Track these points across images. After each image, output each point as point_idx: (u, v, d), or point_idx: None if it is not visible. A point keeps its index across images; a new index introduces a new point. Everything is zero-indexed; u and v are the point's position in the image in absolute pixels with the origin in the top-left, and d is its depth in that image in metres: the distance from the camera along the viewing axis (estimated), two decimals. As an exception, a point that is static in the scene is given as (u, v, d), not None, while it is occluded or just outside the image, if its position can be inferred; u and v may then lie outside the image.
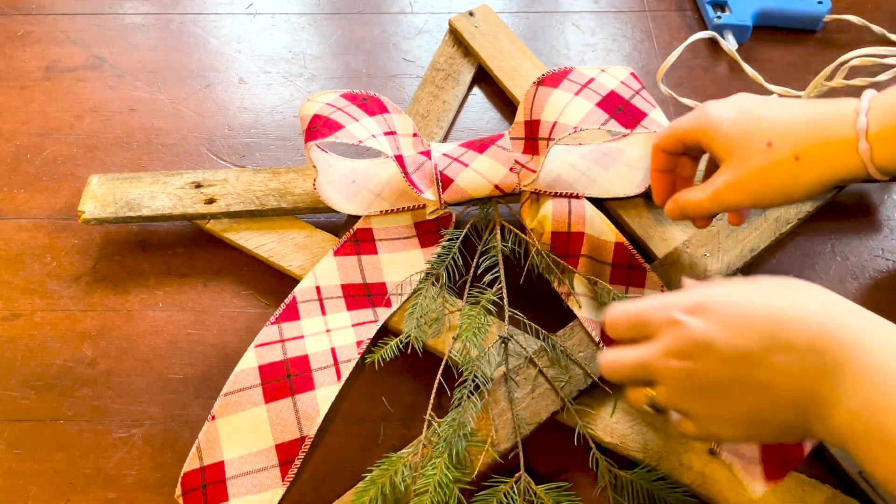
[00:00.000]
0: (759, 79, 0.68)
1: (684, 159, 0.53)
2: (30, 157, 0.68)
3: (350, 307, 0.56)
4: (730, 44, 0.73)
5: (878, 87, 0.69)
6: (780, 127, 0.44)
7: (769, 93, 0.69)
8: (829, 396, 0.35)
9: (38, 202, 0.65)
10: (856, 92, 0.70)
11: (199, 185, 0.61)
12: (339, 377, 0.52)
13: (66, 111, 0.71)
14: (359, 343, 0.54)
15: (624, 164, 0.61)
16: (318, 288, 0.56)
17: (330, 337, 0.54)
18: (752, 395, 0.37)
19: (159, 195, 0.60)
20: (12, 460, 0.52)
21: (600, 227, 0.56)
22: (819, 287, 0.39)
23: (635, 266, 0.55)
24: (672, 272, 0.56)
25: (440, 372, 0.52)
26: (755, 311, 0.37)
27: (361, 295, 0.57)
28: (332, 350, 0.53)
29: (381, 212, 0.59)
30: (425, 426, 0.50)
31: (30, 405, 0.54)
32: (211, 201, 0.60)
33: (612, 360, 0.41)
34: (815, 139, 0.43)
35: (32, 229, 0.63)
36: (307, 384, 0.52)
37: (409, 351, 0.53)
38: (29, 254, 0.62)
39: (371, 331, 0.54)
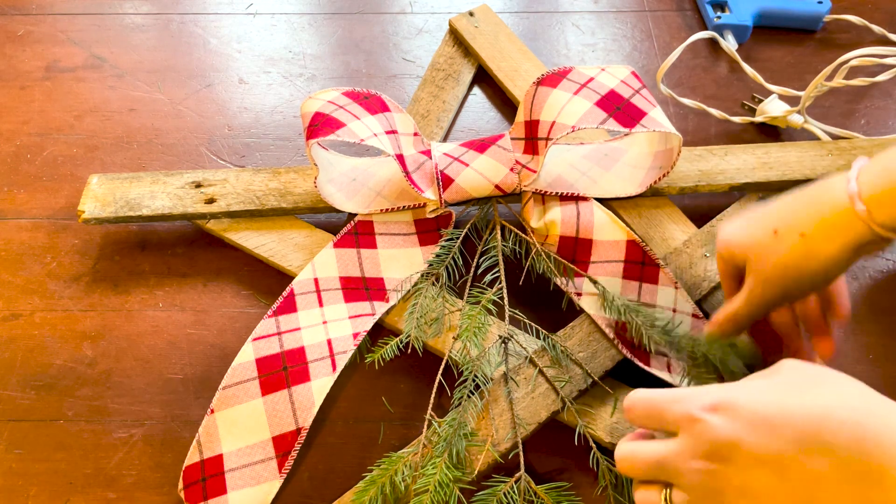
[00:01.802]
0: (759, 79, 0.68)
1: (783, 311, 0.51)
2: (30, 157, 0.68)
3: (348, 300, 0.56)
4: (730, 44, 0.73)
5: (878, 87, 0.70)
6: (782, 212, 0.45)
7: (769, 93, 0.69)
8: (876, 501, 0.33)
9: (38, 202, 0.65)
10: (856, 92, 0.70)
11: (199, 185, 0.61)
12: (334, 368, 0.52)
13: (66, 111, 0.71)
14: (355, 335, 0.54)
15: (625, 164, 0.61)
16: (316, 280, 0.56)
17: (326, 328, 0.54)
18: (785, 499, 0.34)
19: (159, 195, 0.60)
20: (12, 460, 0.52)
21: (610, 230, 0.56)
22: (853, 380, 0.36)
23: (648, 262, 0.55)
24: (672, 272, 0.56)
25: (440, 372, 0.52)
26: (787, 410, 0.34)
27: (359, 288, 0.57)
28: (329, 341, 0.53)
29: (381, 210, 0.59)
30: (425, 426, 0.50)
31: (30, 405, 0.54)
32: (211, 201, 0.60)
33: (630, 453, 0.39)
34: (815, 214, 0.44)
35: (32, 229, 0.63)
36: (303, 376, 0.52)
37: (409, 351, 0.53)
38: (29, 254, 0.62)
39: (368, 324, 0.55)
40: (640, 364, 0.52)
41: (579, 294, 0.55)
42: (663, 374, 0.52)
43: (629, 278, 0.55)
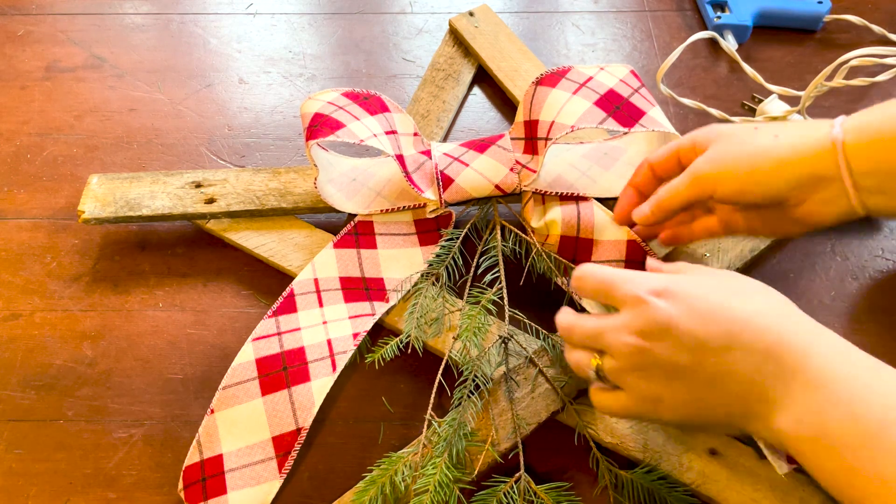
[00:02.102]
0: (759, 79, 0.68)
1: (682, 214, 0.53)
2: (30, 157, 0.68)
3: (348, 300, 0.56)
4: (730, 44, 0.73)
5: (878, 87, 0.70)
6: (769, 122, 0.48)
7: (769, 93, 0.69)
8: (777, 400, 0.38)
9: (38, 202, 0.65)
10: (856, 92, 0.70)
11: (199, 185, 0.61)
12: (334, 368, 0.52)
13: (66, 111, 0.71)
14: (355, 335, 0.54)
15: (624, 164, 0.61)
16: (316, 280, 0.56)
17: (326, 328, 0.54)
18: (697, 385, 0.39)
19: (159, 195, 0.60)
20: (12, 460, 0.52)
21: (611, 230, 0.56)
22: (779, 295, 0.41)
23: (637, 263, 0.55)
24: (672, 272, 0.56)
25: (440, 372, 0.52)
26: (721, 307, 0.39)
27: (359, 288, 0.57)
28: (329, 341, 0.53)
29: (381, 210, 0.59)
30: (425, 426, 0.50)
31: (30, 405, 0.54)
32: (211, 201, 0.60)
33: (570, 323, 0.44)
34: (795, 128, 0.46)
35: (32, 229, 0.63)
36: (303, 376, 0.52)
37: (409, 351, 0.53)
38: (29, 254, 0.62)
39: (368, 324, 0.55)
40: None
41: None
42: None
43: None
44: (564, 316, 0.45)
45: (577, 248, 0.56)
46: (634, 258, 0.55)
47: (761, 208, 0.47)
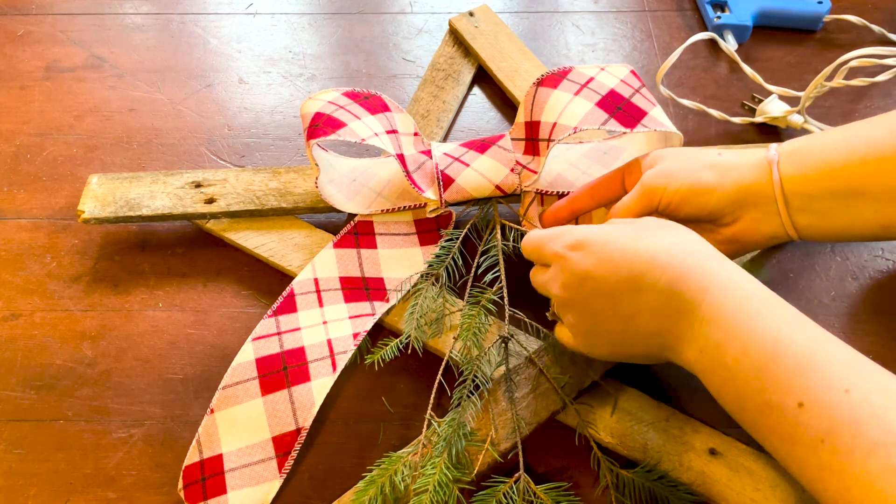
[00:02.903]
0: (759, 79, 0.68)
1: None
2: (30, 157, 0.68)
3: (348, 300, 0.56)
4: (730, 44, 0.73)
5: (878, 87, 0.70)
6: (713, 147, 0.52)
7: (769, 93, 0.69)
8: (682, 334, 0.41)
9: (38, 202, 0.65)
10: (856, 92, 0.70)
11: (199, 185, 0.61)
12: (334, 368, 0.52)
13: (66, 111, 0.71)
14: (355, 335, 0.54)
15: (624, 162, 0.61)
16: (316, 280, 0.56)
17: (326, 328, 0.54)
18: (617, 323, 0.43)
19: (159, 195, 0.60)
20: (12, 460, 0.52)
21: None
22: (688, 232, 0.44)
23: None
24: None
25: (440, 372, 0.52)
26: (626, 251, 0.42)
27: (359, 288, 0.57)
28: (329, 341, 0.53)
29: (381, 210, 0.59)
30: (425, 426, 0.50)
31: (30, 405, 0.54)
32: (211, 201, 0.60)
33: (532, 280, 0.50)
34: (737, 150, 0.50)
35: (32, 229, 0.63)
36: (303, 376, 0.52)
37: (409, 351, 0.53)
38: (29, 254, 0.62)
39: (368, 324, 0.55)
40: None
41: None
42: None
43: None
44: (528, 238, 0.49)
45: None
46: None
47: (699, 223, 0.49)
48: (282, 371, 0.52)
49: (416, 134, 0.61)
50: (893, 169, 0.44)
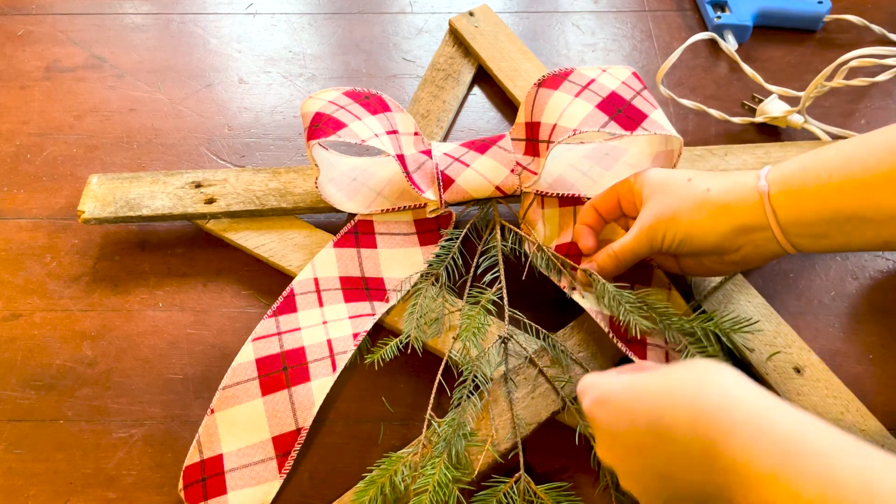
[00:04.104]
0: (759, 79, 0.68)
1: (616, 227, 0.56)
2: (30, 157, 0.68)
3: (347, 300, 0.56)
4: (730, 44, 0.73)
5: (878, 87, 0.70)
6: (703, 174, 0.50)
7: (769, 93, 0.69)
8: (726, 485, 0.35)
9: (38, 202, 0.65)
10: (856, 92, 0.70)
11: (199, 185, 0.61)
12: (334, 368, 0.52)
13: (66, 111, 0.71)
14: (355, 335, 0.54)
15: (625, 164, 0.61)
16: (316, 280, 0.56)
17: (326, 328, 0.54)
18: (658, 482, 0.38)
19: (159, 195, 0.60)
20: (12, 460, 0.52)
21: (606, 231, 0.56)
22: (710, 364, 0.38)
23: (642, 264, 0.55)
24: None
25: (440, 372, 0.52)
26: (640, 398, 0.39)
27: (359, 288, 0.57)
28: (329, 342, 0.53)
29: (381, 210, 0.59)
30: (425, 426, 0.50)
31: (30, 405, 0.54)
32: (211, 201, 0.60)
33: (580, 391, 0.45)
34: (725, 179, 0.48)
35: (32, 229, 0.63)
36: (303, 376, 0.52)
37: (409, 351, 0.53)
38: (29, 254, 0.62)
39: (368, 324, 0.55)
40: (636, 359, 0.51)
41: (573, 288, 0.54)
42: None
43: (622, 279, 0.55)
44: (582, 382, 0.45)
45: (569, 250, 0.56)
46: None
47: (703, 255, 0.50)
48: (282, 371, 0.52)
49: (416, 134, 0.61)
50: (890, 192, 0.43)
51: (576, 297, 0.54)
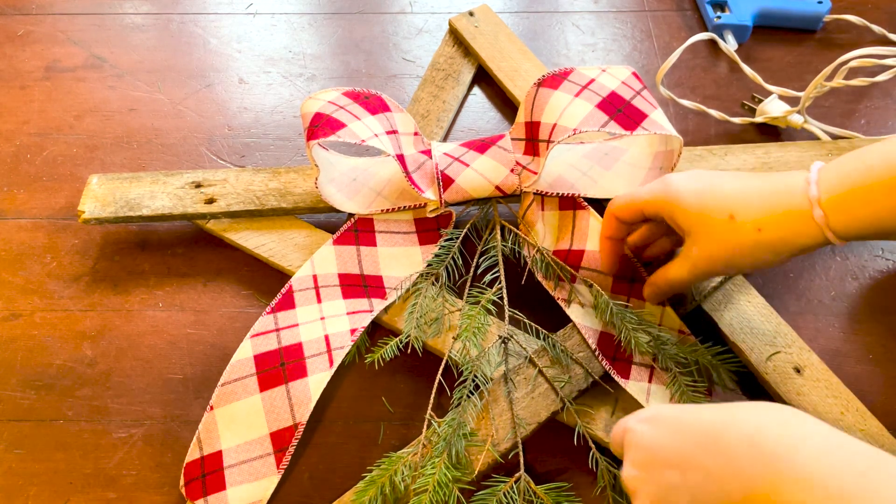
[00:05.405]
0: (759, 79, 0.68)
1: (644, 228, 0.55)
2: (30, 157, 0.68)
3: (346, 296, 0.56)
4: (730, 44, 0.73)
5: (878, 87, 0.70)
6: (740, 199, 0.46)
7: (769, 93, 0.69)
8: (764, 497, 0.35)
9: (38, 202, 0.65)
10: (856, 92, 0.70)
11: (199, 185, 0.61)
12: (331, 364, 0.52)
13: (66, 111, 0.71)
14: (352, 331, 0.54)
15: (625, 164, 0.61)
16: (314, 276, 0.56)
17: (324, 324, 0.54)
18: (686, 496, 0.37)
19: (159, 195, 0.60)
20: (12, 460, 0.52)
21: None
22: (766, 405, 0.38)
23: (638, 279, 0.55)
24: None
25: (440, 372, 0.52)
26: (699, 416, 0.39)
27: (358, 286, 0.57)
28: (326, 337, 0.54)
29: (381, 210, 0.59)
30: (425, 426, 0.50)
31: (30, 405, 0.54)
32: (211, 201, 0.60)
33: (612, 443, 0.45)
34: (774, 210, 0.45)
35: (32, 229, 0.63)
36: (300, 371, 0.52)
37: (408, 351, 0.53)
38: (29, 254, 0.62)
39: (366, 320, 0.55)
40: (619, 379, 0.51)
41: (569, 302, 0.54)
42: (640, 391, 0.51)
43: (618, 293, 0.55)
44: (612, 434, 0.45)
45: (569, 256, 0.56)
46: (624, 274, 0.55)
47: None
48: (279, 367, 0.52)
49: (416, 133, 0.61)
50: None
51: (571, 313, 0.54)
